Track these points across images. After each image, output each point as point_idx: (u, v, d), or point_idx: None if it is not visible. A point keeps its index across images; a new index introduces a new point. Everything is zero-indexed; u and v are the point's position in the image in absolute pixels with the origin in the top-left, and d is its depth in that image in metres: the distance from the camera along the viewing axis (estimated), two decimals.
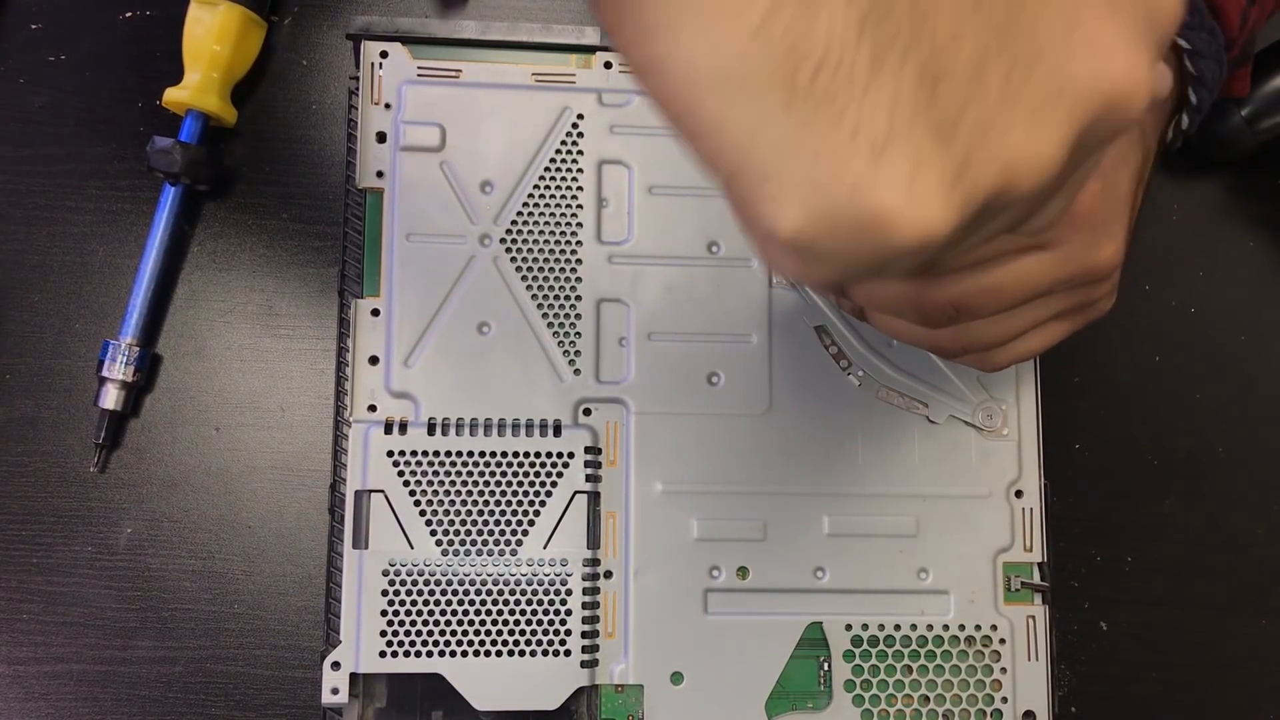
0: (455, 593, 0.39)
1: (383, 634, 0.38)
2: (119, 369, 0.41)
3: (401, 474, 0.40)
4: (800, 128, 0.17)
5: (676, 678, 0.40)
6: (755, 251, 0.21)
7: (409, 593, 0.39)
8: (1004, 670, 0.41)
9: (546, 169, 0.42)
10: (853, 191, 0.18)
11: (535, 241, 0.42)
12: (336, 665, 0.38)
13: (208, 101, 0.43)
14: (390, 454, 0.40)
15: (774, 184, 0.18)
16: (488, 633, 0.39)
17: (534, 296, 0.41)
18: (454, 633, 0.39)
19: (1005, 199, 0.19)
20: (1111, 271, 0.33)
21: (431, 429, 0.40)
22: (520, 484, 0.40)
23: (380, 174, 0.42)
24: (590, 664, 0.39)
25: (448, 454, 0.40)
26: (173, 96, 0.43)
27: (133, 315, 0.42)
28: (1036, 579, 0.42)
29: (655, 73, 0.18)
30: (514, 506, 0.40)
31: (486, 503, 0.40)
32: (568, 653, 0.39)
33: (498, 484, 0.40)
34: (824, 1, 0.17)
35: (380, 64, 0.42)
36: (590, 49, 0.43)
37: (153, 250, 0.43)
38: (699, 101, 0.18)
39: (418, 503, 0.39)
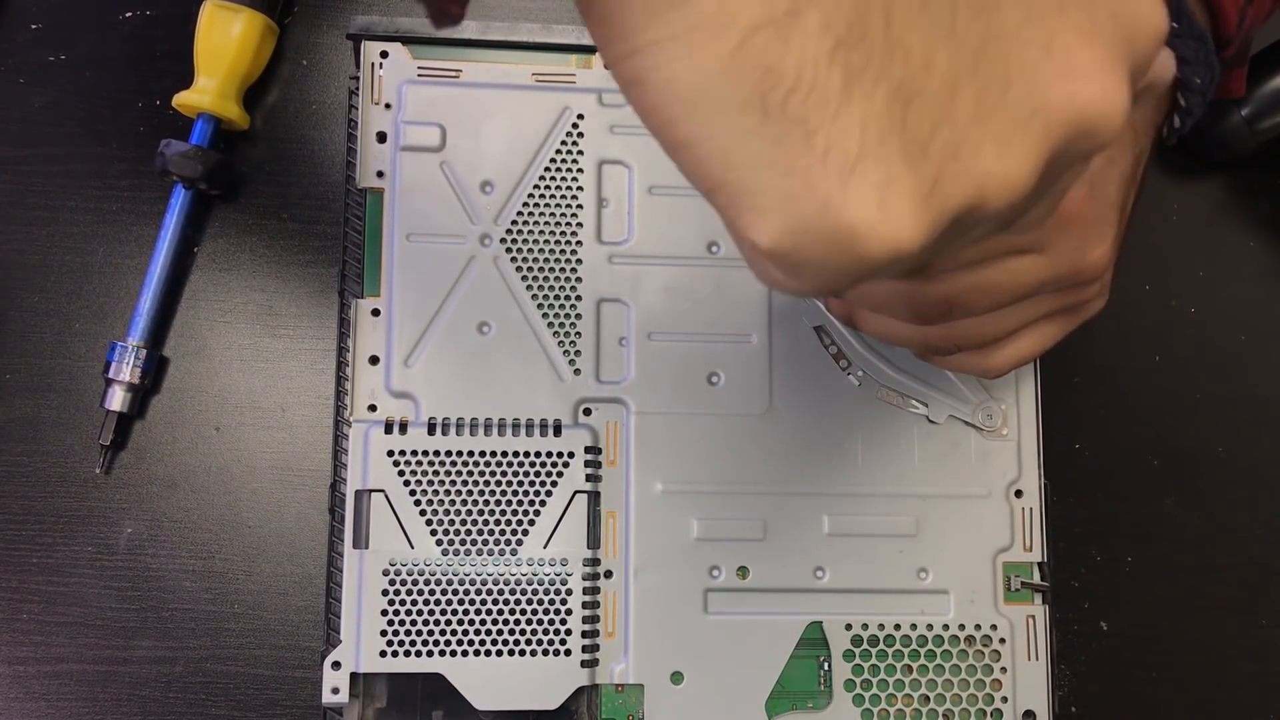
0: (455, 592, 0.39)
1: (383, 634, 0.38)
2: (126, 371, 0.41)
3: (402, 474, 0.40)
4: (773, 146, 0.18)
5: (676, 677, 0.40)
6: (745, 260, 0.21)
7: (409, 592, 0.39)
8: (1004, 670, 0.41)
9: (547, 169, 0.42)
10: (824, 208, 0.18)
11: (535, 241, 0.42)
12: (337, 665, 0.38)
13: (227, 108, 0.43)
14: (390, 454, 0.40)
15: (751, 198, 0.19)
16: (488, 632, 0.39)
17: (534, 296, 0.41)
18: (454, 632, 0.39)
19: (977, 215, 0.20)
20: (1101, 272, 0.33)
21: (432, 429, 0.40)
22: (520, 484, 0.40)
23: (380, 174, 0.42)
24: (590, 664, 0.39)
25: (448, 454, 0.40)
26: (187, 100, 0.43)
27: (140, 317, 0.42)
28: (1036, 579, 0.42)
29: (639, 88, 0.19)
30: (514, 506, 0.40)
31: (487, 502, 0.40)
32: (568, 652, 0.39)
33: (498, 484, 0.40)
34: (798, 29, 0.18)
35: (380, 64, 0.42)
36: (590, 49, 0.43)
37: (162, 253, 0.43)
38: (680, 118, 0.19)
39: (418, 502, 0.39)
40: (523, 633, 0.39)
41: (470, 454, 0.40)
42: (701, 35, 0.18)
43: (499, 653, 0.39)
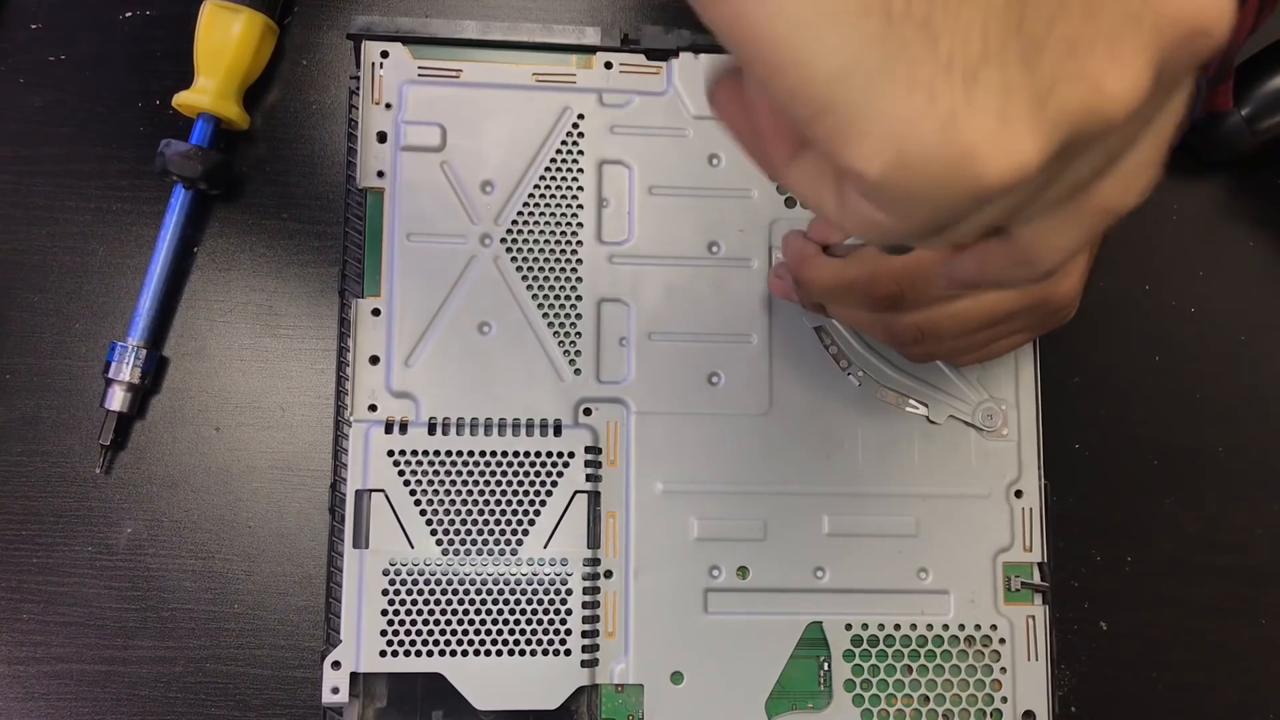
0: (455, 592, 0.39)
1: (383, 633, 0.38)
2: (126, 371, 0.41)
3: (402, 473, 0.40)
4: (895, 57, 0.17)
5: (676, 677, 0.40)
6: (829, 212, 0.20)
7: (409, 592, 0.39)
8: (1004, 670, 0.41)
9: (547, 169, 0.42)
10: (944, 125, 0.17)
11: (536, 241, 0.42)
12: (337, 665, 0.38)
13: (227, 108, 0.43)
14: (391, 453, 0.40)
15: (864, 121, 0.17)
16: (488, 632, 0.39)
17: (534, 296, 0.41)
18: (454, 632, 0.39)
19: (1089, 130, 0.18)
20: (1072, 301, 0.33)
21: (432, 428, 0.40)
22: (521, 484, 0.40)
23: (381, 174, 0.42)
24: (590, 663, 0.39)
25: (448, 453, 0.40)
26: (188, 100, 0.43)
27: (140, 318, 0.42)
28: (1036, 579, 0.42)
29: (734, 6, 0.17)
30: (514, 506, 0.40)
31: (487, 502, 0.40)
32: (568, 652, 0.39)
33: (498, 483, 0.40)
34: None
35: (381, 64, 0.42)
36: (590, 49, 0.43)
37: (162, 253, 0.43)
38: (786, 35, 0.17)
39: (418, 502, 0.39)
40: (523, 633, 0.39)
41: (470, 454, 0.40)
42: None
43: (499, 653, 0.39)
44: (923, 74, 0.17)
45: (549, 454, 0.40)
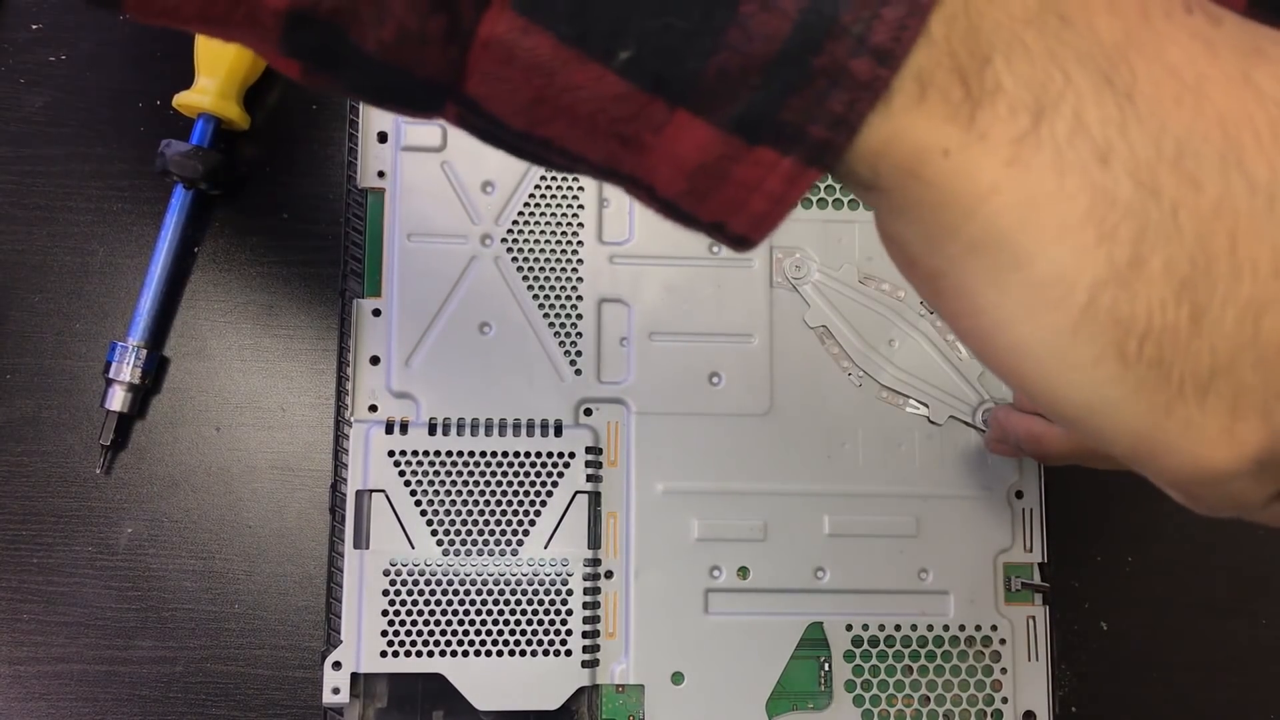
0: (456, 593, 0.39)
1: (384, 634, 0.38)
2: (126, 371, 0.41)
3: (402, 474, 0.40)
4: (1133, 392, 0.18)
5: (677, 677, 0.40)
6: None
7: (410, 593, 0.39)
8: (1004, 670, 0.41)
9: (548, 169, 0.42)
10: (1181, 434, 0.19)
11: (536, 241, 0.42)
12: (337, 665, 0.38)
13: (228, 108, 0.43)
14: (391, 454, 0.40)
15: (1113, 438, 0.19)
16: (489, 633, 0.39)
17: (535, 296, 0.41)
18: (455, 633, 0.39)
19: None
20: None
21: (432, 429, 0.40)
22: (521, 484, 0.40)
23: (381, 174, 0.42)
24: (591, 664, 0.39)
25: (449, 454, 0.40)
26: (188, 100, 0.43)
27: (141, 317, 0.42)
28: (1036, 579, 0.42)
29: (985, 345, 0.20)
30: (515, 506, 0.40)
31: (487, 503, 0.40)
32: (569, 653, 0.39)
33: (499, 484, 0.40)
34: (1143, 277, 0.18)
35: None
36: None
37: (162, 253, 0.43)
38: (1031, 373, 0.19)
39: (419, 503, 0.39)
40: (523, 633, 0.39)
41: (471, 454, 0.40)
42: (1047, 297, 0.18)
43: (500, 653, 0.39)
44: (1157, 399, 0.19)
45: (549, 454, 0.40)
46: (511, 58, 0.18)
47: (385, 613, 0.39)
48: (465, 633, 0.39)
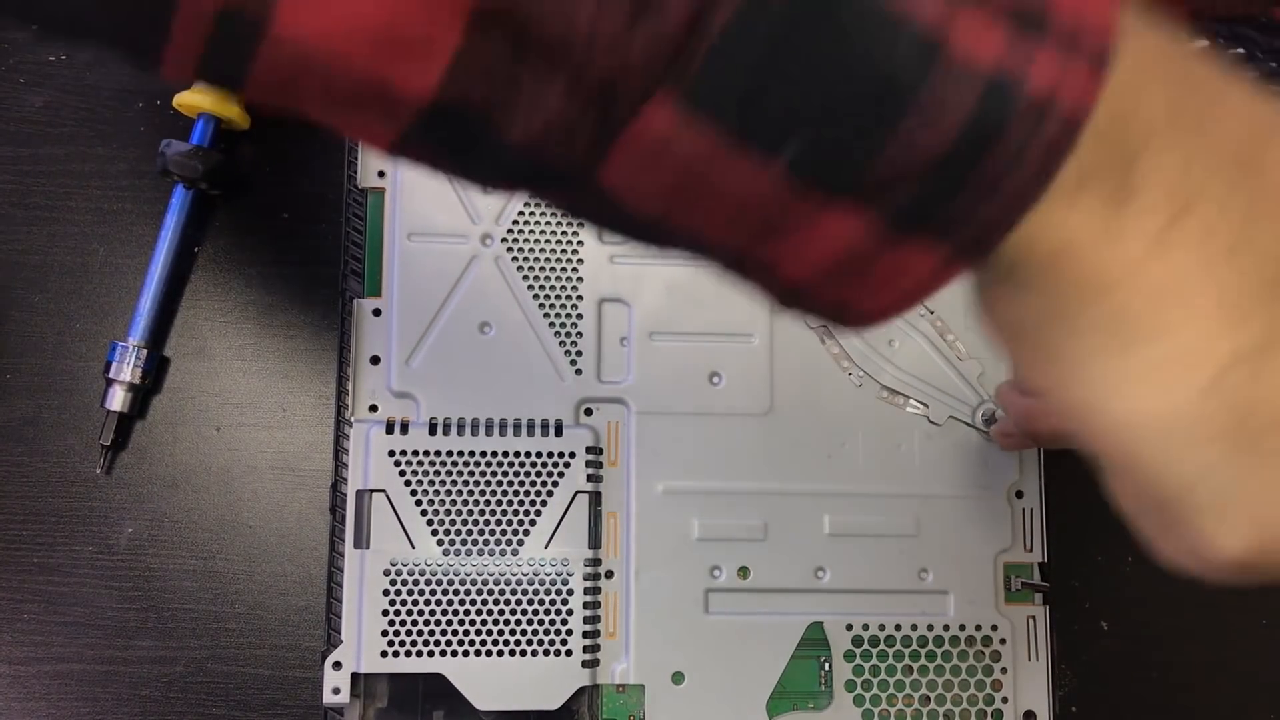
0: (456, 592, 0.39)
1: (384, 634, 0.38)
2: (126, 371, 0.41)
3: (403, 474, 0.40)
4: (1251, 474, 0.19)
5: (677, 677, 0.40)
6: (1157, 546, 0.22)
7: (410, 592, 0.39)
8: (1004, 670, 0.41)
9: None
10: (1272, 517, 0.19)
11: (537, 241, 0.42)
12: (338, 665, 0.38)
13: (228, 108, 0.43)
14: (391, 454, 0.40)
15: (1216, 520, 0.20)
16: (489, 632, 0.39)
17: (535, 296, 0.41)
18: (455, 632, 0.39)
19: None
20: None
21: (433, 429, 0.40)
22: (521, 484, 0.40)
23: (382, 174, 0.42)
24: (591, 664, 0.39)
25: (449, 454, 0.40)
26: (188, 100, 0.43)
27: (141, 317, 0.42)
28: (1036, 579, 0.42)
29: (1086, 412, 0.20)
30: (515, 506, 0.40)
31: (488, 502, 0.40)
32: (569, 652, 0.39)
33: (499, 484, 0.40)
34: (1268, 364, 0.18)
35: None
36: None
37: (162, 253, 0.43)
38: (1138, 445, 0.19)
39: (419, 502, 0.39)
40: (524, 633, 0.39)
41: (471, 454, 0.40)
42: (1170, 374, 0.18)
43: (500, 653, 0.39)
44: (1275, 487, 0.19)
45: (550, 454, 0.40)
46: (665, 151, 0.18)
47: (385, 613, 0.39)
48: (465, 633, 0.39)
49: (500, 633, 0.39)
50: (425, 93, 0.18)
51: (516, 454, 0.40)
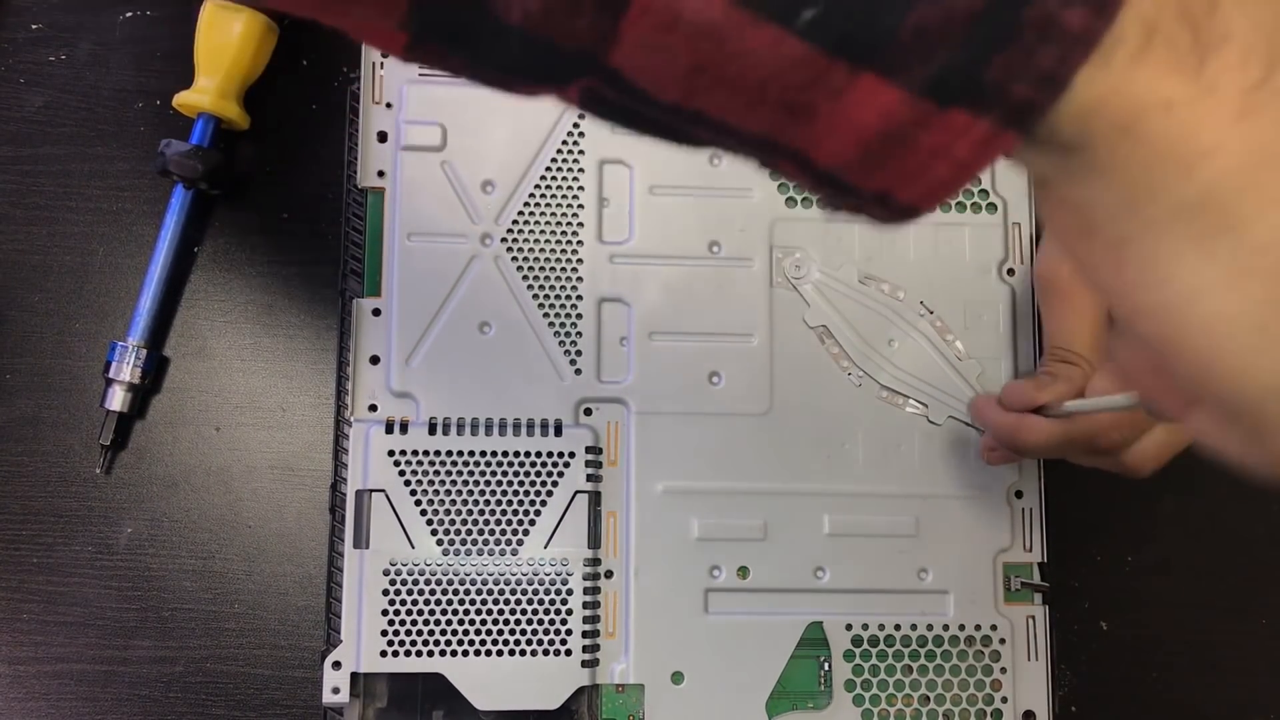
0: (456, 592, 0.39)
1: (384, 633, 0.38)
2: (126, 371, 0.41)
3: (402, 473, 0.40)
4: None
5: (677, 677, 0.40)
6: (1228, 453, 0.21)
7: (410, 592, 0.39)
8: (1004, 670, 0.41)
9: (548, 168, 0.42)
10: None
11: (536, 241, 0.42)
12: (337, 665, 0.38)
13: (227, 108, 0.43)
14: (391, 453, 0.40)
15: None
16: (489, 632, 0.39)
17: (535, 296, 0.41)
18: (455, 632, 0.39)
19: None
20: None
21: (432, 428, 0.40)
22: (521, 484, 0.40)
23: (381, 174, 0.42)
24: (591, 663, 0.39)
25: (449, 453, 0.40)
26: (188, 100, 0.43)
27: (141, 317, 0.42)
28: (1036, 579, 0.42)
29: (1164, 316, 0.18)
30: (515, 506, 0.40)
31: (487, 502, 0.40)
32: (568, 652, 0.39)
33: (499, 483, 0.40)
34: None
35: (381, 63, 0.42)
36: None
37: (162, 253, 0.43)
38: (1224, 352, 0.18)
39: (419, 502, 0.39)
40: (523, 633, 0.39)
41: (471, 454, 0.40)
42: (1259, 266, 0.17)
43: (499, 653, 0.39)
44: None
45: (549, 454, 0.40)
46: (676, 22, 0.16)
47: (385, 612, 0.39)
48: (465, 632, 0.39)
49: (500, 632, 0.39)
50: None
51: (516, 454, 0.40)
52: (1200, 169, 0.16)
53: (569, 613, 0.39)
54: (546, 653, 0.39)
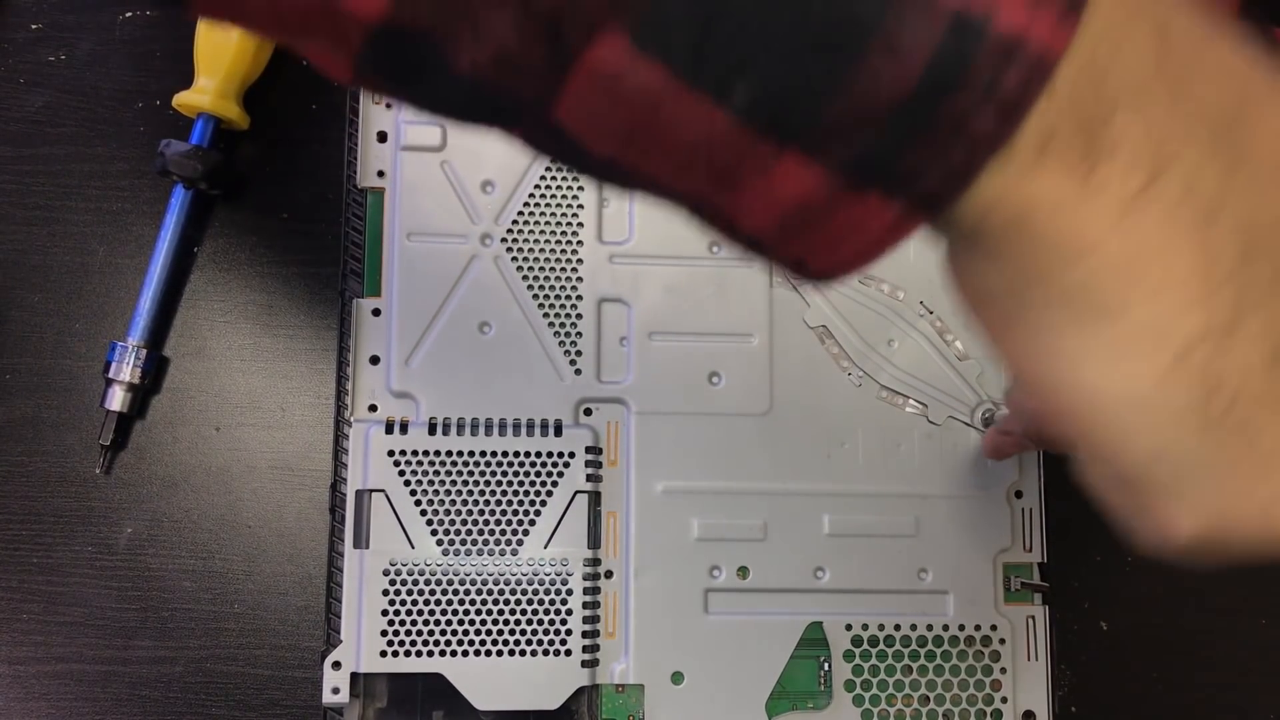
0: (456, 592, 0.39)
1: (383, 634, 0.38)
2: (126, 371, 0.41)
3: (402, 473, 0.40)
4: (1212, 453, 0.18)
5: (677, 677, 0.40)
6: (1127, 521, 0.21)
7: (410, 592, 0.39)
8: (1004, 670, 0.41)
9: (548, 168, 0.42)
10: (1265, 508, 0.19)
11: (536, 241, 0.42)
12: (337, 665, 0.38)
13: (227, 108, 0.43)
14: (391, 453, 0.40)
15: (1176, 499, 0.19)
16: (488, 632, 0.39)
17: (535, 296, 0.41)
18: (455, 632, 0.39)
19: None
20: None
21: (432, 429, 0.40)
22: (521, 484, 0.40)
23: (381, 173, 0.42)
24: (591, 664, 0.39)
25: (449, 454, 0.40)
26: (188, 100, 0.43)
27: (140, 317, 0.42)
28: (1036, 579, 0.42)
29: (1051, 387, 0.19)
30: (515, 506, 0.40)
31: (487, 502, 0.40)
32: (568, 652, 0.39)
33: (499, 484, 0.40)
34: (1239, 338, 0.18)
35: None
36: None
37: (161, 253, 0.43)
38: (1103, 422, 0.19)
39: (418, 502, 0.39)
40: (523, 633, 0.39)
41: (471, 454, 0.40)
42: (1138, 348, 0.18)
43: (499, 653, 0.39)
44: (1240, 469, 0.18)
45: (549, 454, 0.40)
46: (616, 88, 0.17)
47: (385, 612, 0.39)
48: (465, 632, 0.39)
49: (500, 633, 0.39)
50: (374, 13, 0.17)
51: (516, 454, 0.40)
52: (1083, 261, 0.18)
53: (569, 613, 0.39)
54: (546, 653, 0.39)
